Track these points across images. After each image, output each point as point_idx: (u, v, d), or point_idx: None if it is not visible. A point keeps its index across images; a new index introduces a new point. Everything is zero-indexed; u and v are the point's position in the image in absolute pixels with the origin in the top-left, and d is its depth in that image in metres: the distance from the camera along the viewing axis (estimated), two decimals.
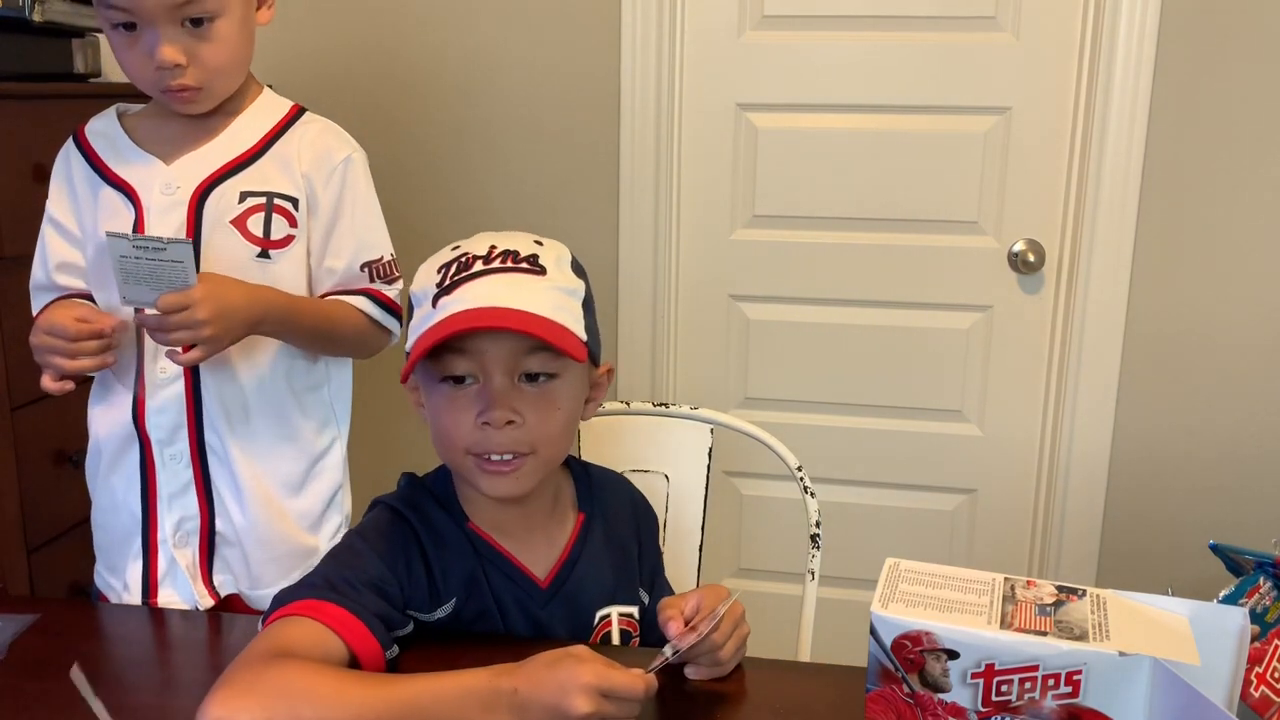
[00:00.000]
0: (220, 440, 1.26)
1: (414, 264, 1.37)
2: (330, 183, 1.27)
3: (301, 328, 1.25)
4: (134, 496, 1.27)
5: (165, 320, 1.13)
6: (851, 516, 2.17)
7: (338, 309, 1.28)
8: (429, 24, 2.11)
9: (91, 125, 1.29)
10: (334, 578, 0.94)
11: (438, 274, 0.96)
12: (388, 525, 1.01)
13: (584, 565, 1.06)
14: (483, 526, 1.03)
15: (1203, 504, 2.01)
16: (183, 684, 1.03)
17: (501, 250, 0.96)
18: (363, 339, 1.32)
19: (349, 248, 1.29)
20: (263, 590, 1.29)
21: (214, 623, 1.17)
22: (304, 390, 1.32)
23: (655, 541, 1.18)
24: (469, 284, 0.94)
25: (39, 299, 1.29)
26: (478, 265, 0.95)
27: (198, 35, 1.17)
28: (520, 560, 1.03)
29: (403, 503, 1.03)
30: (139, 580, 1.28)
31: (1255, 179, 1.90)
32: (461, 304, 0.93)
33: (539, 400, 0.97)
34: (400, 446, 2.25)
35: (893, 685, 0.80)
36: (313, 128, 1.30)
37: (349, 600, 0.93)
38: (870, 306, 2.10)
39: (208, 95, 1.22)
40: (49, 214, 1.28)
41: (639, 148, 2.07)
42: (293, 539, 1.30)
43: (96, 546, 1.33)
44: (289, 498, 1.30)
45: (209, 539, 1.28)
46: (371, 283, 1.31)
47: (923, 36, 1.99)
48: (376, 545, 0.99)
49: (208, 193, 1.22)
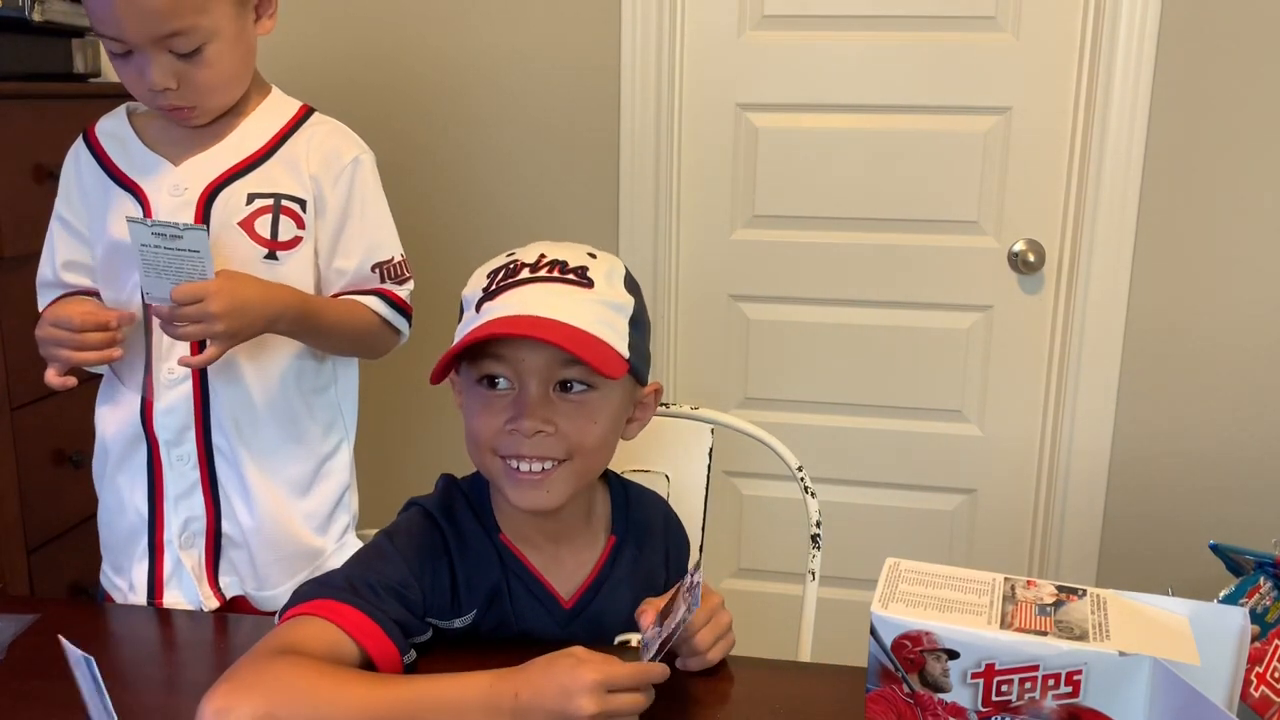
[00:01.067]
0: (228, 441, 1.26)
1: (417, 264, 1.38)
2: (339, 184, 1.27)
3: (316, 327, 1.25)
4: (140, 497, 1.27)
5: (178, 311, 1.12)
6: (851, 516, 2.16)
7: (351, 308, 1.28)
8: (429, 24, 2.11)
9: (101, 125, 1.28)
10: (356, 580, 0.94)
11: (486, 279, 0.96)
12: (419, 530, 1.00)
13: (610, 589, 1.05)
14: (513, 539, 1.02)
15: (1203, 504, 2.01)
16: (185, 684, 1.03)
17: (551, 259, 0.95)
18: (375, 338, 1.32)
19: (359, 248, 1.29)
20: (269, 592, 1.29)
21: (218, 623, 1.17)
22: (311, 392, 1.31)
23: (683, 568, 1.16)
24: (513, 290, 0.93)
25: (45, 295, 1.30)
26: (524, 273, 0.94)
27: (187, 60, 1.16)
28: (546, 577, 1.03)
29: (437, 507, 1.02)
30: (144, 581, 1.28)
31: (1255, 178, 1.90)
32: (503, 309, 0.92)
33: (575, 410, 0.95)
34: (407, 448, 2.26)
35: (893, 685, 0.80)
36: (321, 129, 1.30)
37: (367, 603, 0.92)
38: (870, 306, 2.10)
39: (204, 112, 1.22)
40: (57, 212, 1.28)
41: (639, 148, 2.07)
42: (300, 540, 1.30)
43: (103, 546, 1.33)
44: (296, 499, 1.30)
45: (215, 540, 1.28)
46: (383, 283, 1.31)
47: (923, 36, 1.99)
48: (404, 549, 0.98)
49: (215, 194, 1.22)
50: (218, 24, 1.15)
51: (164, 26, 1.12)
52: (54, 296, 1.28)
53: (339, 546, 1.34)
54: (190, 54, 1.15)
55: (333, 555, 1.33)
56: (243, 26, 1.20)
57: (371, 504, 1.44)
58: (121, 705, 0.97)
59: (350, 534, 1.36)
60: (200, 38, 1.14)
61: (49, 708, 0.94)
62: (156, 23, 1.11)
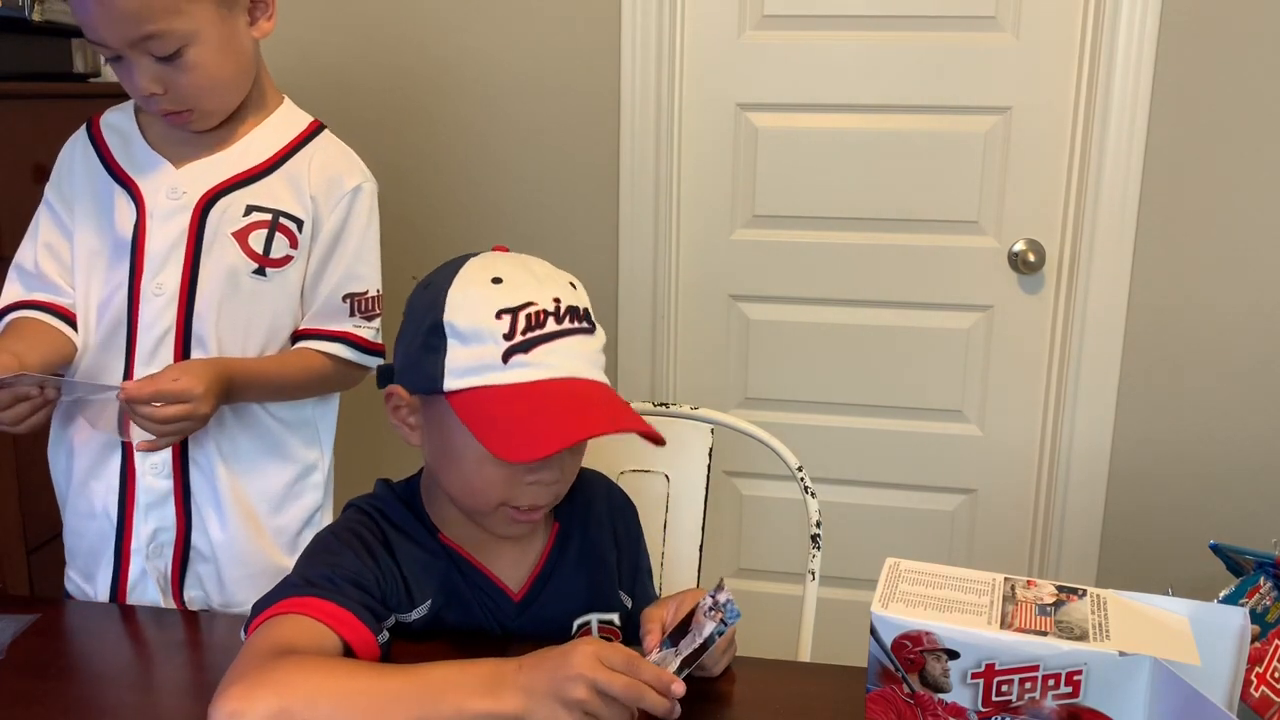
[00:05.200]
0: (204, 453, 1.24)
1: (414, 267, 1.37)
2: (336, 210, 1.26)
3: (267, 393, 1.25)
4: (112, 503, 1.25)
5: (168, 414, 1.10)
6: (851, 516, 2.16)
7: (303, 365, 1.27)
8: (429, 25, 2.11)
9: (107, 117, 1.27)
10: (312, 575, 0.94)
11: (498, 319, 0.92)
12: (360, 525, 1.01)
13: (558, 579, 1.05)
14: (454, 539, 1.03)
15: (1203, 504, 2.01)
16: (190, 684, 1.03)
17: (567, 307, 0.94)
18: (336, 382, 1.31)
19: (337, 275, 1.28)
20: (234, 609, 1.27)
21: (222, 623, 1.17)
22: (287, 408, 1.30)
23: (634, 539, 1.16)
24: (548, 346, 0.92)
25: (12, 287, 1.26)
26: (550, 323, 0.93)
27: (169, 63, 1.14)
28: (492, 572, 1.03)
29: (375, 508, 1.03)
30: (108, 589, 1.26)
31: (1255, 178, 1.90)
32: (548, 370, 0.92)
33: (577, 458, 1.01)
34: (383, 466, 2.25)
35: (893, 685, 0.80)
36: (328, 150, 1.28)
37: (331, 593, 0.92)
38: (870, 306, 2.10)
39: (201, 116, 1.20)
40: (46, 197, 1.27)
41: (639, 148, 2.07)
42: (268, 557, 1.29)
43: (69, 551, 1.31)
44: (269, 514, 1.29)
45: (183, 553, 1.26)
46: (351, 317, 1.29)
47: (923, 36, 1.99)
48: (350, 542, 0.98)
49: (213, 202, 1.21)
50: (197, 26, 1.13)
51: (137, 30, 1.10)
52: (18, 298, 1.24)
53: None
54: (171, 57, 1.13)
55: None
56: (231, 30, 1.18)
57: None
58: (123, 705, 0.97)
59: None
60: (178, 40, 1.13)
61: (49, 708, 0.94)
62: (129, 25, 1.10)
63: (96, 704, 0.97)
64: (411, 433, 1.01)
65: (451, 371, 0.93)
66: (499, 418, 0.91)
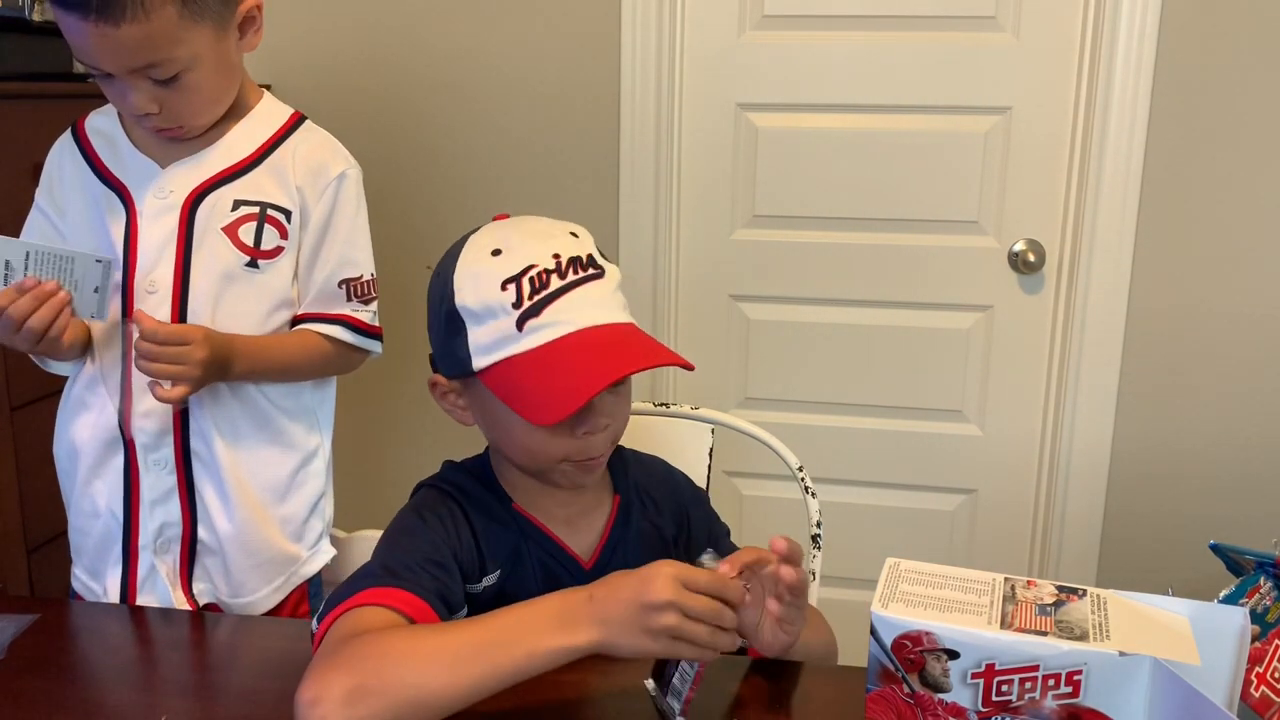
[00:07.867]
0: (207, 446, 1.25)
1: (412, 263, 1.37)
2: (323, 198, 1.27)
3: (268, 371, 1.26)
4: (117, 501, 1.25)
5: (160, 351, 1.13)
6: (852, 516, 2.16)
7: (301, 343, 1.28)
8: (428, 25, 2.11)
9: (92, 121, 1.28)
10: (391, 563, 0.95)
11: (504, 290, 0.93)
12: (435, 501, 1.03)
13: (624, 548, 1.07)
14: (526, 507, 1.04)
15: (1203, 504, 2.01)
16: (198, 683, 1.03)
17: (568, 258, 0.95)
18: (336, 365, 1.33)
19: (331, 262, 1.29)
20: (243, 599, 1.28)
21: (224, 623, 1.17)
22: (288, 394, 1.31)
23: (704, 512, 1.17)
24: (557, 302, 0.93)
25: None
26: (554, 280, 0.94)
27: (166, 86, 1.15)
28: (564, 541, 1.05)
29: (447, 481, 1.05)
30: (118, 586, 1.27)
31: (1255, 178, 1.90)
32: (566, 324, 0.93)
33: (621, 400, 1.01)
34: (384, 450, 2.26)
35: (893, 685, 0.80)
36: (310, 140, 1.29)
37: (408, 583, 0.93)
38: (870, 306, 2.10)
39: (191, 129, 1.22)
40: (37, 202, 1.28)
41: (639, 148, 2.07)
42: (275, 546, 1.29)
43: (74, 550, 1.32)
44: (274, 503, 1.29)
45: (190, 547, 1.27)
46: (349, 301, 1.30)
47: (923, 36, 1.99)
48: (428, 519, 1.00)
49: (201, 199, 1.22)
50: (196, 52, 1.14)
51: (139, 59, 1.11)
52: None
53: (313, 553, 1.34)
54: (169, 80, 1.14)
55: (307, 562, 1.33)
56: (224, 50, 1.19)
57: (350, 506, 1.44)
58: (123, 705, 0.97)
59: (324, 541, 1.36)
60: (178, 66, 1.13)
61: (49, 708, 0.94)
62: (129, 56, 1.11)
63: (97, 704, 0.97)
64: (464, 414, 1.03)
65: (476, 351, 0.95)
66: (526, 385, 0.93)
